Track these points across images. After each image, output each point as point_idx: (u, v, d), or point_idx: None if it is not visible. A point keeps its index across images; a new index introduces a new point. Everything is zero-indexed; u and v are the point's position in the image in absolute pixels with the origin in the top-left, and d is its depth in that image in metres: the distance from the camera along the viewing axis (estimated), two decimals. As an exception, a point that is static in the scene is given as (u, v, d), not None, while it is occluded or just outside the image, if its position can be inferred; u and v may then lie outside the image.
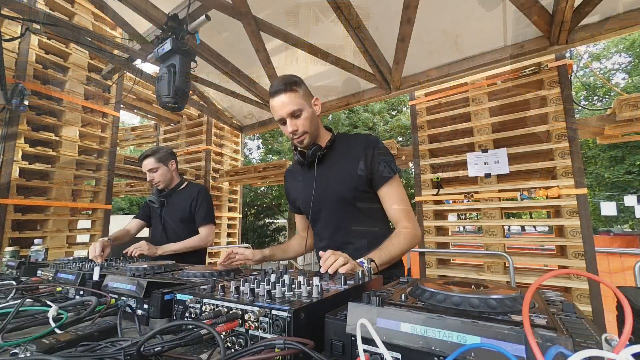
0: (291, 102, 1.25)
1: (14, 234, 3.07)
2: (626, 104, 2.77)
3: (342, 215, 1.32)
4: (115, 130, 4.07)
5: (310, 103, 1.30)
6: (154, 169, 2.20)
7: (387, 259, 1.16)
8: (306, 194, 1.38)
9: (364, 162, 1.28)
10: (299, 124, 1.27)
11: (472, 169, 3.18)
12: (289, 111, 1.26)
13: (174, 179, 2.30)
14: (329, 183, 1.32)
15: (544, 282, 1.60)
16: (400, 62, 2.87)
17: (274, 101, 1.27)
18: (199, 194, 2.21)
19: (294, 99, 1.25)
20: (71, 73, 3.62)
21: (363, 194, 1.30)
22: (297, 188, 1.47)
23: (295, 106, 1.25)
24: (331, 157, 1.36)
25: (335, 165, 1.34)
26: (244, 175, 5.71)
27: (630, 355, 0.33)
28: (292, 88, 1.25)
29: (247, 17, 2.59)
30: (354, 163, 1.30)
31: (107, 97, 4.02)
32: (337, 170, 1.32)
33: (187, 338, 0.58)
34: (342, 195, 1.30)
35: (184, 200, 2.21)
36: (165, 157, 2.25)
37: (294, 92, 1.25)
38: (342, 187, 1.30)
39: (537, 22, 2.29)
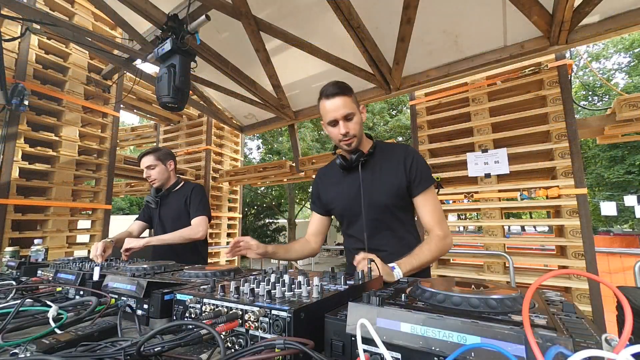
0: (346, 106, 1.32)
1: (14, 234, 3.07)
2: (626, 104, 2.77)
3: (381, 221, 1.37)
4: (115, 130, 4.07)
5: (359, 110, 1.38)
6: (152, 166, 2.22)
7: (418, 264, 1.20)
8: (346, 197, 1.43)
9: (404, 170, 1.36)
10: (350, 127, 1.34)
11: (472, 169, 3.18)
12: (343, 114, 1.32)
13: (170, 178, 2.30)
14: (372, 188, 1.37)
15: (544, 282, 1.60)
16: (400, 62, 2.87)
17: (329, 103, 1.33)
18: (192, 191, 2.21)
19: (349, 103, 1.33)
20: (71, 73, 3.62)
21: (401, 201, 1.38)
22: (334, 190, 1.50)
23: (350, 110, 1.32)
24: (373, 164, 1.41)
25: (378, 171, 1.40)
26: (244, 175, 5.71)
27: (630, 355, 0.33)
28: (347, 93, 1.34)
29: (247, 17, 2.59)
30: (395, 171, 1.37)
31: (107, 97, 4.02)
32: (379, 177, 1.39)
33: (187, 338, 0.58)
34: (384, 201, 1.36)
35: (179, 199, 2.22)
36: (164, 156, 2.27)
37: (349, 97, 1.34)
38: (385, 193, 1.36)
39: (537, 22, 2.29)
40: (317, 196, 1.59)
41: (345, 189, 1.44)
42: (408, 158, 1.37)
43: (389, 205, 1.36)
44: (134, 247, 1.88)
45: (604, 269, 4.19)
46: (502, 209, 3.09)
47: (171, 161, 2.30)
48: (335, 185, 1.50)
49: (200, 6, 2.41)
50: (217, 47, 3.10)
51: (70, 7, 3.61)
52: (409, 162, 1.36)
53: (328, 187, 1.54)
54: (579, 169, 2.74)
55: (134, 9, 2.43)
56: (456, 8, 2.46)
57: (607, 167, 16.28)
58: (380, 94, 3.38)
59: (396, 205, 1.37)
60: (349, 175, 1.45)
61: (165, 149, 2.35)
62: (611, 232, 9.60)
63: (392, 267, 1.09)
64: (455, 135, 3.39)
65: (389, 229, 1.37)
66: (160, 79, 2.37)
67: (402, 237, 1.38)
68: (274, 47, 3.10)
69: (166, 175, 2.27)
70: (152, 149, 2.29)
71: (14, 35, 3.12)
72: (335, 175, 1.52)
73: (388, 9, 2.51)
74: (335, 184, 1.51)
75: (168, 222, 2.21)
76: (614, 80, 17.79)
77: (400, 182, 1.35)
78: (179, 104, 2.43)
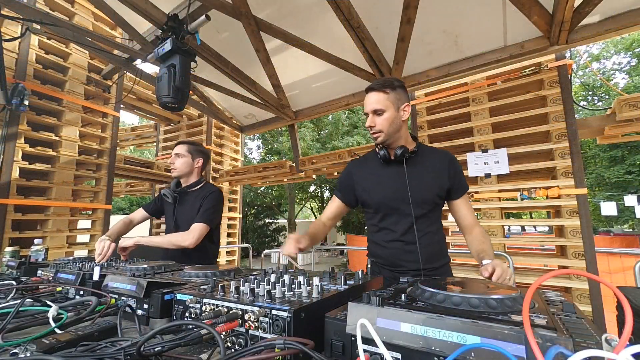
0: (377, 102, 1.38)
1: (14, 234, 3.07)
2: (626, 104, 2.77)
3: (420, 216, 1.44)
4: (115, 130, 4.07)
5: (398, 107, 1.41)
6: (180, 154, 2.17)
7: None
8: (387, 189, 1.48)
9: (449, 174, 1.44)
10: (377, 122, 1.40)
11: (472, 169, 3.18)
12: (372, 108, 1.40)
13: (193, 175, 2.23)
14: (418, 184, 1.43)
15: (544, 282, 1.60)
16: (400, 62, 2.87)
17: (366, 97, 1.43)
18: (210, 195, 2.12)
19: (381, 99, 1.38)
20: (71, 73, 3.62)
21: (439, 200, 1.45)
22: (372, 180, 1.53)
23: (379, 106, 1.38)
24: (417, 162, 1.47)
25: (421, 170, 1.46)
26: (244, 175, 5.71)
27: (630, 355, 0.33)
28: (383, 89, 1.39)
29: (247, 17, 2.59)
30: (440, 173, 1.45)
31: (107, 97, 4.02)
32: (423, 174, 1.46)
33: (187, 338, 0.58)
34: (425, 197, 1.43)
35: (196, 200, 2.14)
36: (196, 151, 2.22)
37: (384, 94, 1.38)
38: (429, 191, 1.43)
39: (537, 22, 2.29)
40: (348, 184, 1.60)
41: (387, 181, 1.49)
42: (452, 164, 1.46)
43: (429, 202, 1.43)
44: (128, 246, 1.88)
45: (604, 269, 4.20)
46: (502, 209, 3.09)
47: (200, 159, 2.23)
48: (374, 176, 1.53)
49: (200, 6, 2.41)
50: (217, 47, 3.10)
51: (70, 7, 3.61)
52: (452, 167, 1.45)
53: (365, 177, 1.56)
54: (579, 169, 2.74)
55: (134, 9, 2.43)
56: (456, 8, 2.46)
57: (607, 167, 16.28)
58: (380, 94, 3.38)
59: (434, 203, 1.45)
60: (390, 168, 1.49)
61: (202, 146, 2.29)
62: (611, 232, 9.61)
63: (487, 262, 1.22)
64: (455, 135, 3.39)
65: (425, 224, 1.45)
66: (160, 79, 2.37)
67: (435, 233, 1.47)
68: (274, 47, 3.10)
69: (189, 169, 2.20)
70: (190, 141, 2.27)
71: (14, 35, 3.12)
72: (373, 167, 1.55)
73: (388, 9, 2.51)
74: (373, 174, 1.53)
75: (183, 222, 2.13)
76: (613, 80, 17.79)
77: (443, 184, 1.43)
78: (179, 104, 2.43)
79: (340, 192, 1.62)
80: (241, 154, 6.57)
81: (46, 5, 3.38)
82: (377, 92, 1.40)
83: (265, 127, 4.71)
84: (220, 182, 5.94)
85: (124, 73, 4.08)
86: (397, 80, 1.43)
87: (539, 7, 2.22)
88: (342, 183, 1.63)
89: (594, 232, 4.78)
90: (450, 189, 1.46)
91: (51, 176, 3.43)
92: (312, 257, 16.32)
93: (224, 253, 5.94)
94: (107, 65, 3.91)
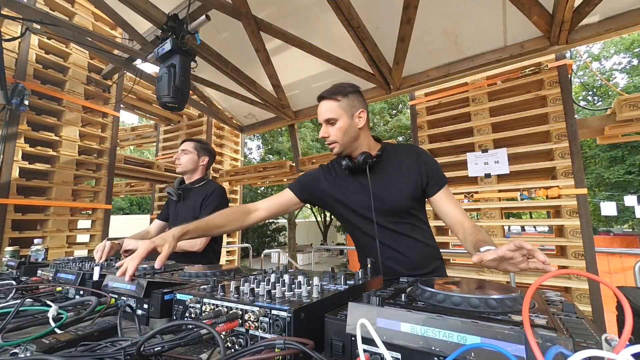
0: (328, 110, 1.31)
1: (14, 234, 3.07)
2: (626, 104, 2.77)
3: (392, 222, 1.34)
4: (115, 130, 4.07)
5: (351, 114, 1.33)
6: (186, 150, 2.18)
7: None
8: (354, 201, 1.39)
9: (419, 172, 1.33)
10: (330, 132, 1.33)
11: (472, 169, 3.18)
12: (324, 118, 1.33)
13: (197, 172, 2.23)
14: (384, 191, 1.33)
15: (544, 282, 1.60)
16: (400, 62, 2.87)
17: (318, 105, 1.36)
18: (213, 193, 2.10)
19: (332, 108, 1.31)
20: (71, 73, 3.62)
21: (416, 203, 1.35)
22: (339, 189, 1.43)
23: (331, 115, 1.31)
24: (382, 167, 1.38)
25: (389, 175, 1.36)
26: (244, 175, 5.71)
27: (630, 355, 0.33)
28: (334, 97, 1.31)
29: (247, 17, 2.59)
30: (408, 174, 1.34)
31: (107, 97, 4.02)
32: (391, 181, 1.35)
33: (187, 338, 0.58)
34: (397, 204, 1.33)
35: (198, 196, 2.13)
36: (202, 149, 2.21)
37: (335, 101, 1.31)
38: (398, 197, 1.32)
39: (537, 22, 2.29)
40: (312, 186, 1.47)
41: (353, 191, 1.39)
42: (421, 160, 1.35)
43: (403, 208, 1.33)
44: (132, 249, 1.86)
45: (604, 269, 4.19)
46: (502, 209, 3.09)
47: (206, 157, 2.23)
48: (340, 186, 1.43)
49: (200, 6, 2.41)
50: (217, 47, 3.10)
51: (70, 7, 3.61)
52: (422, 162, 1.35)
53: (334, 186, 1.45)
54: (579, 169, 2.74)
55: (134, 9, 2.43)
56: (456, 8, 2.46)
57: (607, 167, 16.29)
58: (380, 94, 3.38)
59: (411, 207, 1.34)
60: (356, 178, 1.39)
61: (209, 145, 2.29)
62: (611, 232, 9.61)
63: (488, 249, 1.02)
64: (455, 135, 3.39)
65: (404, 232, 1.34)
66: (160, 79, 2.37)
67: (418, 240, 1.36)
68: (274, 47, 3.10)
69: (193, 166, 2.19)
70: (197, 138, 2.26)
71: (14, 35, 3.12)
72: (340, 176, 1.45)
73: (388, 9, 2.51)
74: (340, 184, 1.43)
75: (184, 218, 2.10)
76: (613, 81, 17.79)
77: (416, 183, 1.32)
78: (179, 104, 2.43)
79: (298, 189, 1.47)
80: (241, 154, 6.57)
81: (46, 5, 3.38)
82: (328, 100, 1.32)
83: (265, 127, 4.71)
84: (220, 182, 5.93)
85: (124, 73, 4.08)
86: (350, 86, 1.35)
87: (539, 7, 2.22)
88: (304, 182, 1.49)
89: (593, 232, 4.77)
90: (424, 187, 1.34)
91: (51, 176, 3.43)
92: (312, 257, 16.33)
93: (224, 253, 5.94)
94: (107, 65, 3.91)
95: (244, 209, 1.42)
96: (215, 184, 2.22)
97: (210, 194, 2.09)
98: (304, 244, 21.51)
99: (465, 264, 3.53)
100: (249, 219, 1.41)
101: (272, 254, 15.23)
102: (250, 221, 1.42)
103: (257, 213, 1.43)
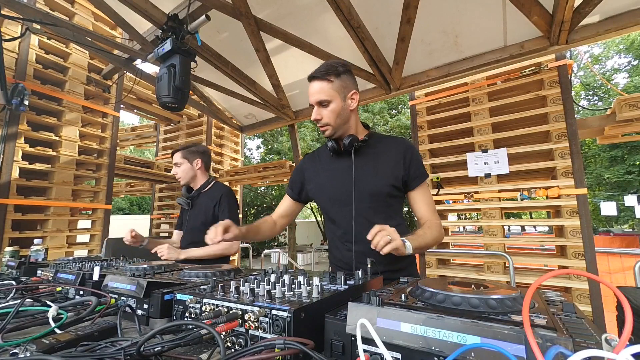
0: (321, 92, 1.27)
1: (14, 234, 3.07)
2: (626, 104, 2.77)
3: (370, 209, 1.32)
4: (115, 130, 4.07)
5: (344, 96, 1.29)
6: (178, 163, 2.18)
7: (419, 244, 1.17)
8: (336, 183, 1.37)
9: (403, 163, 1.32)
10: (323, 114, 1.29)
11: (472, 169, 3.18)
12: (316, 99, 1.28)
13: (197, 177, 2.22)
14: (366, 175, 1.32)
15: (544, 282, 1.60)
16: (400, 62, 2.87)
17: (309, 86, 1.30)
18: (222, 198, 2.11)
19: (325, 89, 1.26)
20: (71, 73, 3.62)
21: (395, 191, 1.33)
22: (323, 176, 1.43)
23: (324, 96, 1.26)
24: (367, 152, 1.36)
25: (373, 160, 1.35)
26: (244, 175, 5.71)
27: (630, 355, 0.33)
28: (326, 77, 1.26)
29: (247, 17, 2.59)
30: (392, 161, 1.33)
31: (107, 97, 4.02)
32: (375, 165, 1.34)
33: (187, 338, 0.58)
34: (378, 189, 1.31)
35: (207, 202, 2.14)
36: (190, 154, 2.20)
37: (328, 82, 1.26)
38: (380, 182, 1.31)
39: (537, 22, 2.29)
40: (298, 180, 1.51)
41: (336, 175, 1.38)
42: (408, 152, 1.34)
43: (383, 194, 1.32)
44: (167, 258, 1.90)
45: (604, 269, 4.19)
46: (502, 209, 3.09)
47: (199, 159, 2.20)
48: (324, 171, 1.43)
49: (200, 6, 2.41)
50: (217, 47, 3.10)
51: (70, 7, 3.61)
52: (409, 155, 1.33)
53: (317, 172, 1.46)
54: (579, 169, 2.74)
55: (134, 9, 2.43)
56: (456, 8, 2.46)
57: (607, 167, 16.28)
58: (380, 94, 3.38)
59: (389, 194, 1.33)
60: (340, 160, 1.39)
61: (196, 146, 2.27)
62: (611, 232, 9.60)
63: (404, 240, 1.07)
64: (455, 135, 3.39)
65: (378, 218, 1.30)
66: (160, 79, 2.37)
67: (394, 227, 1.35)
68: (274, 47, 3.09)
69: (191, 173, 2.19)
70: (182, 146, 2.24)
71: (14, 35, 3.12)
72: (324, 161, 1.45)
73: (388, 9, 2.51)
74: (324, 169, 1.43)
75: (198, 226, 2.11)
76: (614, 81, 17.79)
77: (398, 174, 1.31)
78: (179, 104, 2.43)
79: (292, 189, 1.53)
80: (241, 154, 6.56)
81: (46, 5, 3.38)
82: (320, 80, 1.27)
83: (265, 127, 4.70)
84: (220, 182, 5.94)
85: (124, 73, 4.08)
86: (341, 65, 1.30)
87: (539, 7, 2.22)
88: (295, 179, 1.53)
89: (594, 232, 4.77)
90: (406, 178, 1.33)
91: (51, 176, 3.43)
92: (312, 257, 16.31)
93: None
94: (107, 65, 3.91)
95: (272, 221, 1.57)
96: (222, 186, 2.23)
97: (220, 199, 2.11)
98: (304, 244, 21.49)
99: (465, 264, 3.53)
100: (276, 229, 1.56)
101: (272, 254, 15.22)
102: (277, 231, 1.58)
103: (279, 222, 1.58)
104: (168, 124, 6.19)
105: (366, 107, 14.80)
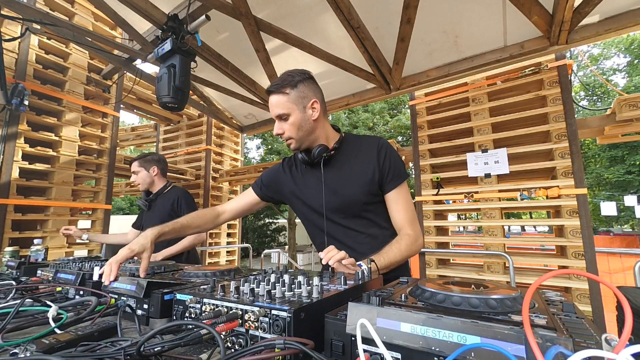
0: (278, 106, 1.22)
1: (14, 234, 3.07)
2: (626, 104, 2.78)
3: (346, 219, 1.28)
4: (115, 130, 4.07)
5: (303, 107, 1.23)
6: (135, 171, 2.38)
7: (386, 263, 1.12)
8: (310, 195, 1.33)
9: (377, 164, 1.25)
10: (285, 128, 1.24)
11: (472, 169, 3.18)
12: (275, 114, 1.24)
13: (155, 183, 2.42)
14: (339, 185, 1.27)
15: (544, 282, 1.60)
16: (400, 62, 2.87)
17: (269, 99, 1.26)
18: (179, 198, 2.32)
19: (282, 102, 1.21)
20: (71, 73, 3.62)
21: (372, 198, 1.27)
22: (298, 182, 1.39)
23: (281, 110, 1.22)
24: (339, 160, 1.30)
25: (346, 167, 1.29)
26: (244, 175, 5.71)
27: (630, 355, 0.33)
28: (282, 90, 1.21)
29: (247, 17, 2.59)
30: (366, 166, 1.26)
31: (107, 97, 4.02)
32: (348, 173, 1.28)
33: (187, 338, 0.58)
34: (351, 199, 1.26)
35: (165, 203, 2.34)
36: (146, 162, 2.39)
37: (284, 95, 1.21)
38: (353, 191, 1.25)
39: (537, 22, 2.29)
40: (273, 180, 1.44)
41: (309, 185, 1.34)
42: (381, 151, 1.26)
43: (358, 203, 1.25)
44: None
45: (604, 269, 4.20)
46: (502, 209, 3.09)
47: (154, 167, 2.40)
48: (299, 180, 1.39)
49: (200, 6, 2.41)
50: (217, 47, 3.10)
51: (70, 7, 3.61)
52: (382, 155, 1.26)
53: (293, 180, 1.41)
54: (579, 169, 2.74)
55: (134, 9, 2.43)
56: (456, 8, 2.46)
57: (607, 167, 16.29)
58: (380, 94, 3.38)
59: (366, 202, 1.26)
60: (312, 172, 1.33)
61: (152, 155, 2.46)
62: (611, 232, 9.61)
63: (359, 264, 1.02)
64: (455, 135, 3.39)
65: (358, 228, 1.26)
66: (160, 79, 2.37)
67: (375, 236, 1.27)
68: (274, 47, 3.09)
69: (149, 180, 2.39)
70: (139, 155, 2.44)
71: (14, 35, 3.12)
72: (300, 170, 1.40)
73: (388, 9, 2.51)
74: (299, 179, 1.39)
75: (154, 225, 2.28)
76: (613, 81, 17.79)
77: (373, 177, 1.24)
78: (179, 104, 2.43)
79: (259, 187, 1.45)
80: (241, 154, 6.56)
81: (46, 5, 3.38)
82: (277, 94, 1.21)
83: (265, 127, 4.70)
84: (220, 182, 5.93)
85: (124, 73, 4.08)
86: (299, 74, 1.23)
87: (539, 7, 2.22)
88: (268, 177, 1.45)
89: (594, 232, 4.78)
90: (381, 180, 1.25)
91: (51, 176, 3.42)
92: (312, 257, 16.30)
93: (224, 253, 5.94)
94: (107, 65, 3.91)
95: (214, 212, 1.46)
96: (178, 189, 2.43)
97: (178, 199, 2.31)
98: (304, 244, 21.49)
99: (465, 263, 3.53)
100: (218, 221, 1.46)
101: (272, 254, 15.23)
102: (219, 222, 1.47)
103: (224, 215, 1.47)
104: (168, 124, 6.19)
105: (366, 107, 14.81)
